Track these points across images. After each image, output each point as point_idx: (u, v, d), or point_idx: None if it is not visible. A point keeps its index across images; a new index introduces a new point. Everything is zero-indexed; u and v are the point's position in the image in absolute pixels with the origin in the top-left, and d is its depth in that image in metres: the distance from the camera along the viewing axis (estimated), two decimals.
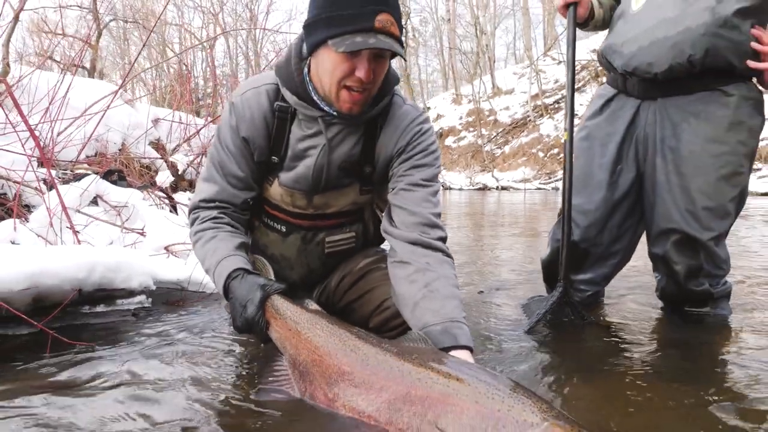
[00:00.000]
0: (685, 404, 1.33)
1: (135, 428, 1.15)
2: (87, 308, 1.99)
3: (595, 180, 2.05)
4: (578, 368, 1.60)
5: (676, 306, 2.13)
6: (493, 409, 0.98)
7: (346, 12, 1.33)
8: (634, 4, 1.93)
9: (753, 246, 4.23)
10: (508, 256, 3.79)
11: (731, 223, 1.94)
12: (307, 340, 1.29)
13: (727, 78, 1.84)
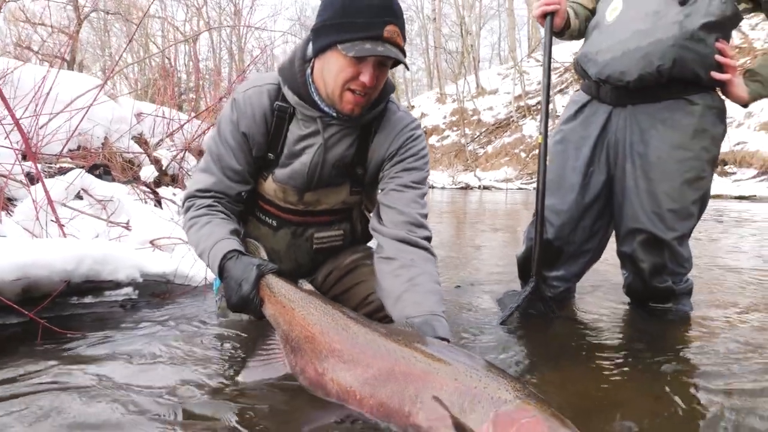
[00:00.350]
0: (646, 387, 1.44)
1: (127, 413, 1.21)
2: (75, 299, 2.04)
3: (568, 182, 2.15)
4: (547, 356, 1.71)
5: (642, 302, 2.24)
6: (469, 386, 1.07)
7: (358, 20, 1.41)
8: (608, 15, 2.02)
9: (722, 247, 4.39)
10: (487, 254, 3.90)
11: (694, 224, 2.05)
12: (301, 318, 1.36)
13: (693, 88, 1.95)
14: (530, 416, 1.00)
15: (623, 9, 1.97)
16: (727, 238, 4.94)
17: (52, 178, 3.00)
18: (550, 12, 2.07)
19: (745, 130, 17.49)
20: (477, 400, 1.05)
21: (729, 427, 1.22)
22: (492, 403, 1.04)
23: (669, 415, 1.28)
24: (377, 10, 1.41)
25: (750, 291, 2.67)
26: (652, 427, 1.21)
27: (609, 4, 2.04)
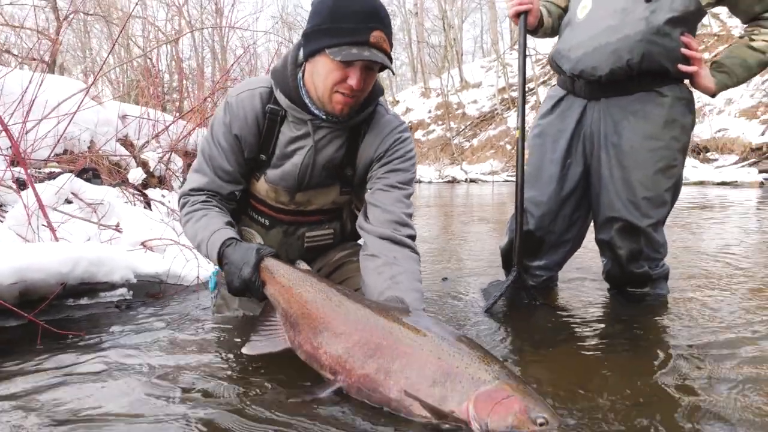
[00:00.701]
0: (624, 368, 1.53)
1: (131, 408, 1.27)
2: (71, 301, 2.10)
3: (547, 174, 2.23)
4: (530, 341, 1.79)
5: (620, 287, 2.33)
6: (452, 365, 1.15)
7: (346, 25, 1.47)
8: (580, 13, 2.10)
9: (697, 235, 4.51)
10: (473, 246, 3.98)
11: (668, 211, 2.14)
12: (298, 296, 1.44)
13: (662, 80, 2.03)
14: (507, 396, 1.08)
15: (593, 7, 2.05)
16: (707, 223, 5.06)
17: (42, 183, 3.03)
18: (524, 11, 2.14)
19: (726, 116, 17.73)
20: (458, 380, 1.13)
21: (703, 402, 1.29)
22: (472, 383, 1.12)
23: (646, 393, 1.35)
24: (364, 17, 1.47)
25: (726, 274, 2.77)
26: (629, 405, 1.28)
27: (580, 2, 2.11)
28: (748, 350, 1.64)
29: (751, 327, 1.87)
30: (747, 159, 14.47)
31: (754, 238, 4.11)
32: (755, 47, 1.96)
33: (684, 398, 1.32)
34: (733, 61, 2.01)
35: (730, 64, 2.01)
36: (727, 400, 1.29)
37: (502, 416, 1.06)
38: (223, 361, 1.58)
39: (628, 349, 1.70)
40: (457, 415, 1.10)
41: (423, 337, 1.22)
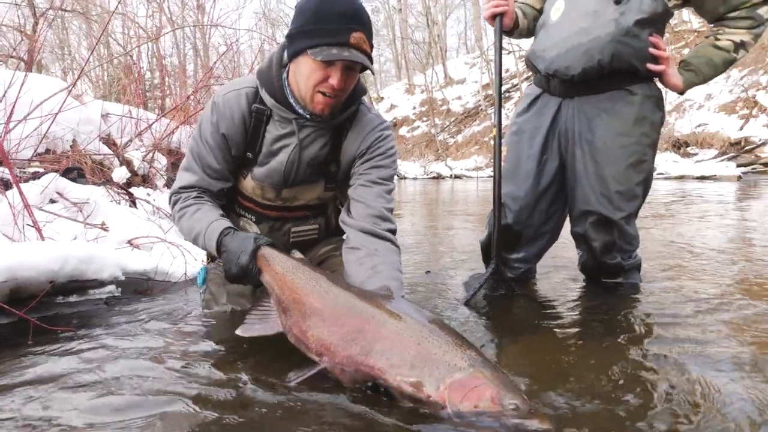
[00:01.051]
0: (598, 354, 1.61)
1: (120, 402, 1.32)
2: (61, 298, 2.13)
3: (524, 169, 2.31)
4: (509, 330, 1.87)
5: (595, 278, 2.42)
6: (430, 351, 1.22)
7: (327, 27, 1.53)
8: (553, 15, 2.18)
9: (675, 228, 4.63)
10: (456, 240, 4.05)
11: (639, 204, 2.23)
12: (291, 282, 1.52)
13: (632, 79, 2.12)
14: (481, 383, 1.15)
15: (566, 9, 2.13)
16: (684, 217, 5.19)
17: (27, 182, 3.04)
18: (500, 13, 2.21)
19: (706, 112, 18.03)
20: (435, 366, 1.20)
21: (673, 387, 1.37)
22: (448, 370, 1.19)
23: (619, 376, 1.43)
24: (344, 19, 1.53)
25: (699, 266, 2.88)
26: (604, 387, 1.36)
27: (553, 4, 2.19)
28: (715, 333, 1.74)
29: (718, 312, 1.97)
30: (726, 153, 14.74)
31: (728, 231, 4.24)
32: (720, 46, 2.06)
33: (655, 379, 1.39)
34: (699, 60, 2.10)
35: (696, 63, 2.10)
36: (695, 379, 1.38)
37: (475, 402, 1.13)
38: (212, 353, 1.63)
39: (602, 335, 1.78)
40: (434, 399, 1.17)
41: (404, 323, 1.29)
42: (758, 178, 11.80)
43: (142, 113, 6.06)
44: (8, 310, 1.79)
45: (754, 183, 10.08)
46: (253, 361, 1.55)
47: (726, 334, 1.74)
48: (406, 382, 1.21)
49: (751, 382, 1.36)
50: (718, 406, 1.24)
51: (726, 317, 1.92)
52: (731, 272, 2.66)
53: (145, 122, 5.72)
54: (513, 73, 24.68)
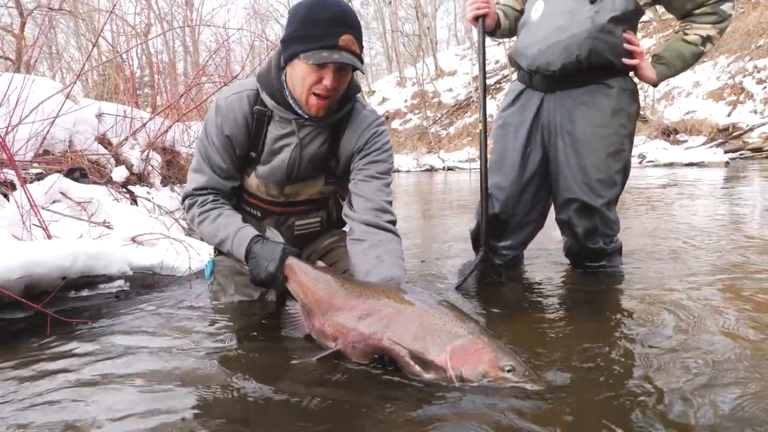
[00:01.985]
0: (583, 330, 1.74)
1: (144, 386, 1.43)
2: (73, 293, 2.24)
3: (510, 161, 2.43)
4: (498, 311, 2.00)
5: (579, 262, 2.56)
6: (431, 323, 1.36)
7: (317, 32, 1.63)
8: (533, 15, 2.30)
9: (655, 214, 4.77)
10: (451, 231, 4.18)
11: (619, 191, 2.37)
12: (314, 287, 1.67)
13: (608, 73, 2.25)
14: (480, 348, 1.29)
15: (545, 9, 2.26)
16: (666, 202, 5.34)
17: (32, 183, 3.14)
18: (482, 15, 2.33)
19: (694, 99, 18.20)
20: (437, 335, 1.33)
21: (650, 362, 1.48)
22: (449, 337, 1.32)
23: (602, 352, 1.55)
24: (333, 23, 1.63)
25: (680, 248, 3.02)
26: (587, 362, 1.48)
27: (533, 5, 2.31)
28: (693, 311, 1.86)
29: (696, 291, 2.11)
30: (714, 140, 14.92)
31: (711, 215, 4.38)
32: (689, 41, 2.20)
33: (634, 354, 1.52)
34: (671, 53, 2.24)
35: (668, 57, 2.24)
36: (672, 354, 1.50)
37: (474, 365, 1.27)
38: (223, 340, 1.74)
39: (585, 314, 1.92)
40: (437, 363, 1.30)
41: (407, 302, 1.44)
42: (745, 163, 11.98)
43: (136, 112, 6.13)
44: (27, 304, 1.90)
45: (741, 168, 10.24)
46: (262, 347, 1.67)
47: (699, 311, 1.87)
48: (410, 350, 1.34)
49: (721, 349, 1.49)
50: (691, 374, 1.36)
51: (700, 296, 2.05)
52: (710, 256, 2.80)
53: (140, 121, 5.79)
54: (503, 64, 24.80)
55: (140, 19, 14.18)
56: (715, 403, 1.19)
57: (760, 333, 1.62)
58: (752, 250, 2.86)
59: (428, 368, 1.32)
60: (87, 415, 1.23)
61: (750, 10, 19.63)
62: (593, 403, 1.23)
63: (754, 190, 6.30)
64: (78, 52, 21.57)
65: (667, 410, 1.17)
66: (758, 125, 14.64)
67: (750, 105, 16.21)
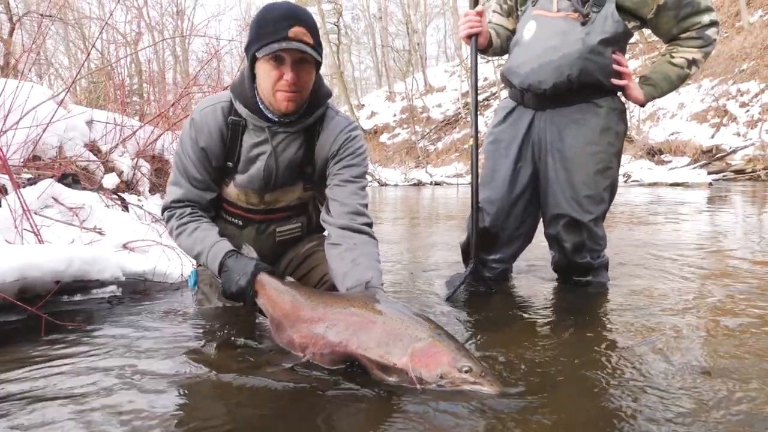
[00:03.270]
0: (567, 343, 1.79)
1: (135, 386, 1.46)
2: (66, 297, 2.25)
3: (500, 176, 2.49)
4: (486, 323, 2.04)
5: (566, 276, 2.62)
6: (394, 328, 1.42)
7: (267, 29, 1.67)
8: (526, 34, 2.37)
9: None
10: (439, 244, 4.23)
11: (606, 208, 2.43)
12: (281, 300, 1.70)
13: (598, 93, 2.33)
14: (439, 350, 1.36)
15: (537, 29, 2.33)
16: (654, 221, 5.44)
17: (24, 188, 3.14)
18: (475, 34, 2.41)
19: (678, 120, 18.54)
20: (399, 339, 1.40)
21: (634, 370, 1.55)
22: (411, 341, 1.39)
23: (585, 362, 1.60)
24: (282, 18, 1.67)
25: (664, 266, 3.09)
26: (567, 375, 1.52)
27: (525, 25, 2.39)
28: (672, 325, 1.92)
29: (678, 306, 2.17)
30: (698, 161, 15.18)
31: (694, 234, 4.48)
32: (675, 63, 2.29)
33: (617, 366, 1.57)
34: (657, 75, 2.33)
35: (655, 78, 2.33)
36: (652, 365, 1.56)
37: (433, 367, 1.34)
38: (208, 346, 1.76)
39: (571, 327, 1.96)
40: (399, 366, 1.36)
41: (371, 310, 1.50)
42: (729, 185, 12.20)
43: (126, 120, 6.14)
44: (22, 306, 1.91)
45: (724, 190, 10.44)
46: (243, 352, 1.70)
47: (679, 324, 1.93)
48: (374, 355, 1.40)
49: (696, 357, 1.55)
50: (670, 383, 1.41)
51: (682, 310, 2.11)
52: (693, 273, 2.87)
53: (130, 129, 5.80)
54: (492, 81, 25.10)
55: (131, 28, 14.17)
56: (687, 412, 1.24)
57: (738, 344, 1.69)
58: (732, 263, 2.94)
59: (391, 372, 1.38)
60: (81, 417, 1.25)
61: (734, 35, 20.11)
62: (568, 412, 1.26)
63: (737, 211, 6.44)
64: (67, 59, 21.47)
65: (640, 421, 1.22)
66: (741, 147, 14.93)
67: (733, 127, 16.54)
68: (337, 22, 35.98)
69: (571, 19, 2.24)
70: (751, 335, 1.79)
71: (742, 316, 2.03)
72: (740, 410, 1.24)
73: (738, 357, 1.59)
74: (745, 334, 1.80)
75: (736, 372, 1.47)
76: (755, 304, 2.19)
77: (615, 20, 2.21)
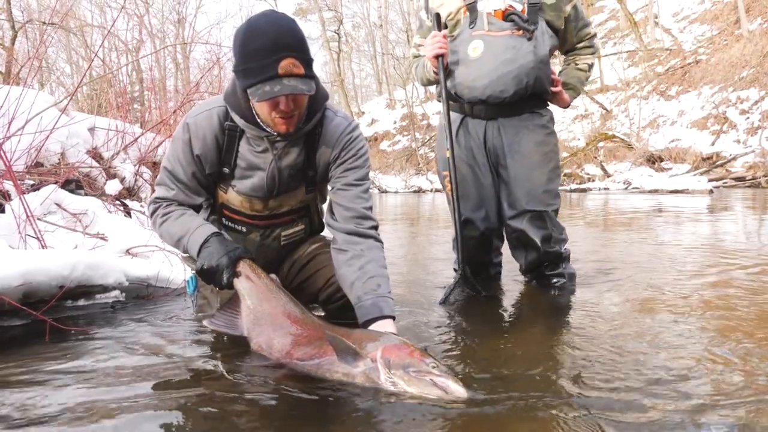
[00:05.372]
0: (547, 342, 1.84)
1: (141, 387, 1.48)
2: (70, 302, 2.26)
3: (471, 186, 2.69)
4: (477, 324, 2.12)
5: (540, 273, 2.75)
6: (373, 335, 1.54)
7: (254, 64, 1.58)
8: (472, 53, 2.52)
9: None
10: (438, 251, 4.24)
11: (560, 202, 2.68)
12: (270, 299, 1.73)
13: (539, 103, 2.65)
14: (409, 349, 1.41)
15: (485, 47, 2.49)
16: (650, 225, 5.45)
17: (27, 194, 3.15)
18: (441, 54, 2.54)
19: (678, 127, 18.59)
20: (375, 340, 1.48)
21: (605, 368, 1.56)
22: (385, 340, 1.47)
23: (560, 361, 1.64)
24: (269, 51, 1.56)
25: (648, 270, 3.10)
26: (548, 371, 1.54)
27: (469, 45, 2.52)
28: (646, 325, 1.98)
29: (650, 311, 2.19)
30: (699, 168, 15.20)
31: (683, 241, 4.49)
32: (580, 68, 2.70)
33: (593, 368, 1.57)
34: (574, 80, 2.70)
35: (573, 83, 2.70)
36: (629, 361, 1.56)
37: (402, 357, 1.38)
38: (209, 351, 1.79)
39: (548, 324, 2.09)
40: (369, 357, 1.41)
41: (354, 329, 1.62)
42: (729, 192, 12.20)
43: (128, 127, 6.17)
44: (27, 311, 1.92)
45: (724, 197, 10.45)
46: (244, 355, 1.72)
47: (652, 325, 1.95)
48: (346, 347, 1.45)
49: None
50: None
51: (656, 309, 2.13)
52: (689, 274, 2.89)
53: (131, 136, 5.82)
54: None
55: (132, 35, 14.24)
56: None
57: (710, 343, 1.71)
58: (724, 267, 2.96)
59: (359, 359, 1.42)
60: (85, 420, 1.26)
61: (733, 43, 20.21)
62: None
63: (737, 217, 6.45)
64: (68, 66, 21.60)
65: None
66: (741, 155, 14.97)
67: (733, 135, 16.59)
68: (337, 29, 36.18)
69: (518, 36, 2.46)
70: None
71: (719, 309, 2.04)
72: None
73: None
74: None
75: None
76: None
77: (550, 35, 2.52)
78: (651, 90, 21.38)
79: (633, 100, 20.79)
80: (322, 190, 2.05)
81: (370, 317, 1.68)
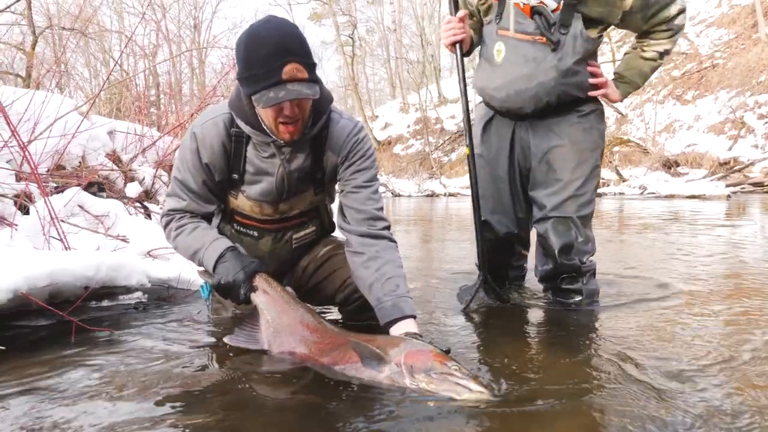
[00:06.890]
0: (566, 351, 1.82)
1: (164, 384, 1.52)
2: (94, 303, 2.31)
3: (494, 187, 2.53)
4: (498, 332, 2.10)
5: (555, 283, 2.48)
6: (396, 341, 1.56)
7: (258, 71, 1.58)
8: (496, 56, 2.33)
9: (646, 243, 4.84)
10: (452, 256, 4.26)
11: (593, 209, 2.41)
12: (289, 312, 1.77)
13: (578, 103, 2.35)
14: (432, 352, 1.45)
15: (506, 53, 2.30)
16: (654, 234, 5.42)
17: (52, 196, 3.22)
18: (459, 41, 2.39)
19: (695, 132, 18.42)
20: (398, 346, 1.51)
21: (627, 374, 1.56)
22: (408, 345, 1.50)
23: (590, 374, 1.61)
24: (272, 57, 1.57)
25: (670, 282, 3.08)
26: (563, 383, 1.54)
27: (494, 45, 2.33)
28: (664, 337, 1.95)
29: (667, 318, 2.19)
30: (715, 173, 15.02)
31: (697, 247, 4.45)
32: (647, 57, 2.31)
33: (616, 378, 1.56)
34: (631, 72, 2.36)
35: (629, 75, 2.37)
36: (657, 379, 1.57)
37: (424, 361, 1.42)
38: (230, 354, 1.81)
39: (568, 338, 2.01)
40: (394, 361, 1.45)
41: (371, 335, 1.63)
42: (747, 197, 12.03)
43: (146, 130, 6.25)
44: (53, 311, 1.96)
45: (743, 202, 10.33)
46: (266, 359, 1.74)
47: (668, 337, 1.95)
48: (371, 351, 1.49)
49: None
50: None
51: (678, 321, 2.13)
52: (701, 288, 2.86)
53: (149, 139, 5.90)
54: None
55: (149, 40, 14.40)
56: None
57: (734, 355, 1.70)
58: (744, 276, 2.93)
59: (384, 364, 1.46)
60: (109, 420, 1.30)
61: (750, 47, 19.99)
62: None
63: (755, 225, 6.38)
64: (87, 70, 21.85)
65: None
66: (759, 160, 14.78)
67: (751, 139, 16.40)
68: (351, 34, 36.32)
69: (541, 44, 2.21)
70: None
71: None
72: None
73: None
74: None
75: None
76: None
77: (584, 39, 2.20)
78: (667, 94, 21.20)
79: (648, 105, 20.64)
80: (330, 190, 2.07)
81: (392, 318, 1.71)
